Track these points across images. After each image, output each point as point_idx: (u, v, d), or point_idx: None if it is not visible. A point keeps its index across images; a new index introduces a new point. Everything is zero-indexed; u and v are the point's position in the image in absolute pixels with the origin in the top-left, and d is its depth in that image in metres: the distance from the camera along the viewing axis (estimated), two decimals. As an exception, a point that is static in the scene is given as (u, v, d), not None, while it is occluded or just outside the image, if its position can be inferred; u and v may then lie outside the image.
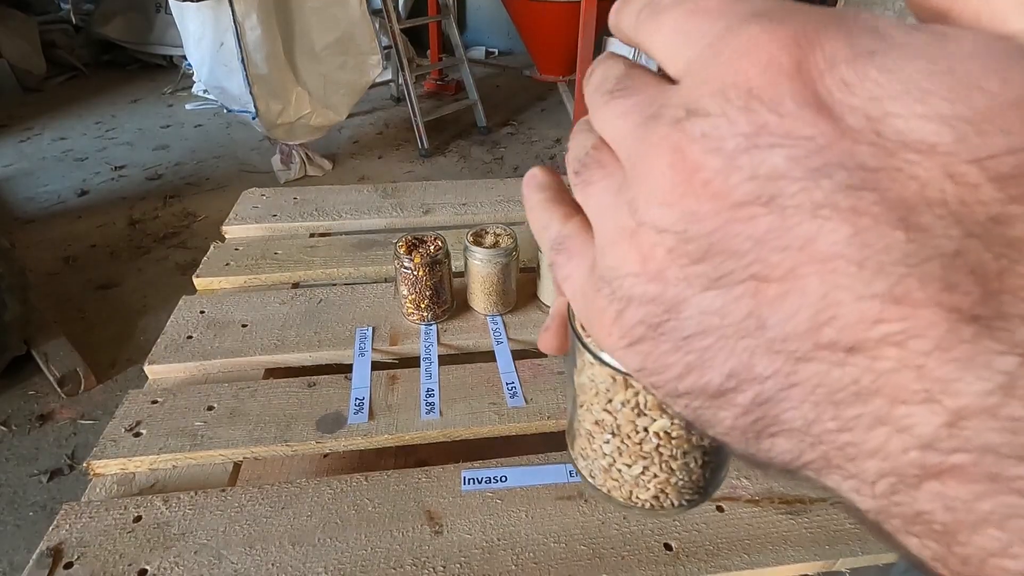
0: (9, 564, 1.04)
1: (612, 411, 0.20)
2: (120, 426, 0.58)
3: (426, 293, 0.68)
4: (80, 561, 0.47)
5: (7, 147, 2.73)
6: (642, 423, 0.20)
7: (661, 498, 0.22)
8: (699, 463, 0.21)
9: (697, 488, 0.23)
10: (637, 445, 0.21)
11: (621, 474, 0.22)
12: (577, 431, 0.23)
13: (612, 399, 0.20)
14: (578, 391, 0.22)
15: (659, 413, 0.20)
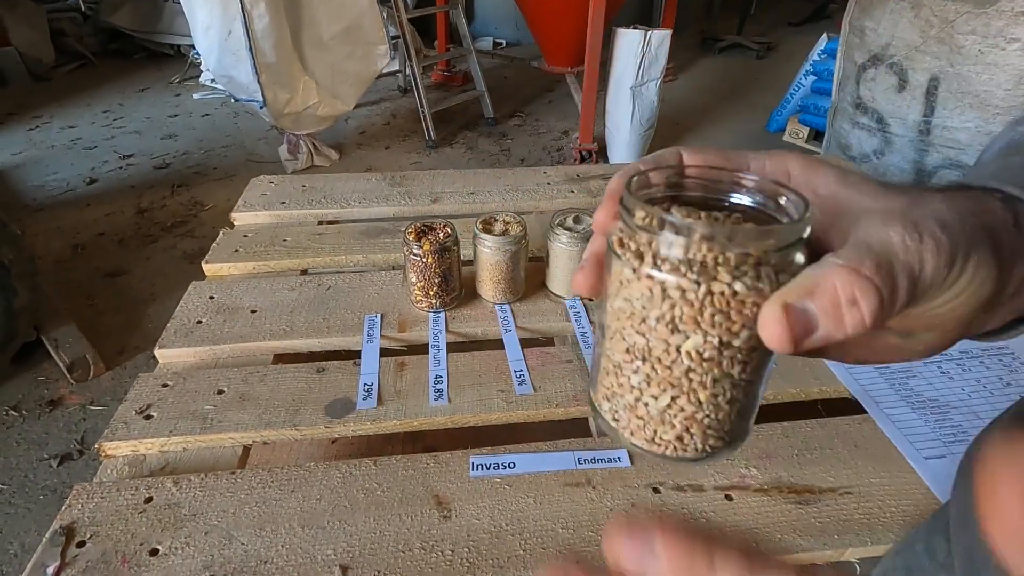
0: (20, 546, 1.05)
1: (646, 331, 0.20)
2: (131, 409, 0.58)
3: (435, 280, 0.68)
4: (92, 540, 0.47)
5: (17, 135, 2.75)
6: (675, 341, 0.20)
7: (685, 439, 0.22)
8: (727, 397, 0.21)
9: (722, 431, 0.22)
10: (667, 369, 0.21)
11: (648, 408, 0.22)
12: (604, 370, 0.23)
13: (647, 317, 0.20)
14: (610, 319, 0.22)
15: (694, 328, 0.20)
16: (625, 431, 0.23)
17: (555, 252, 0.70)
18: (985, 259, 0.20)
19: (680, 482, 0.52)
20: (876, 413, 0.59)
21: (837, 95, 1.90)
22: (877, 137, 1.72)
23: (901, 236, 0.19)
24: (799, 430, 0.57)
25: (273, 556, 0.46)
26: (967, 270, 0.19)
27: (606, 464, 0.53)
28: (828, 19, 4.57)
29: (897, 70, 1.61)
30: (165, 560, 0.46)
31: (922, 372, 0.63)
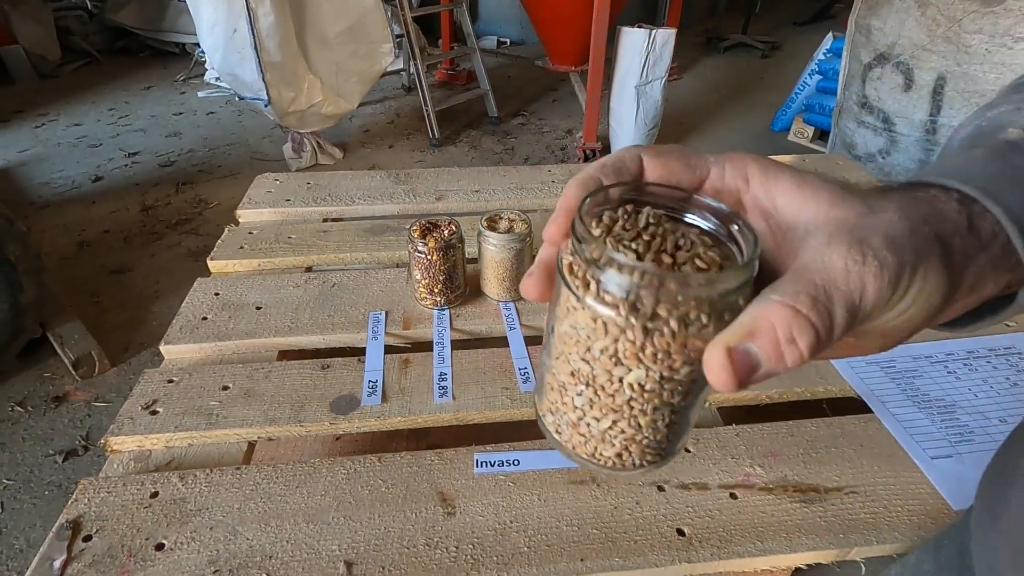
0: (26, 541, 1.06)
1: (590, 360, 0.21)
2: (137, 404, 0.59)
3: (439, 278, 0.68)
4: (99, 534, 0.47)
5: (23, 132, 2.76)
6: (618, 373, 0.20)
7: (624, 456, 0.23)
8: (665, 421, 0.22)
9: (659, 449, 0.23)
10: (610, 397, 0.21)
11: (589, 428, 0.23)
12: (549, 385, 0.23)
13: (591, 346, 0.20)
14: (557, 341, 0.22)
15: (635, 363, 0.20)
16: (568, 444, 0.24)
17: (560, 250, 0.70)
18: (934, 270, 0.20)
19: (685, 480, 0.52)
20: (882, 413, 0.58)
21: (842, 94, 1.89)
22: (883, 136, 1.71)
23: (843, 260, 0.19)
24: (804, 429, 0.57)
25: (278, 551, 0.46)
26: (915, 284, 0.20)
27: (610, 462, 0.53)
28: (833, 19, 4.55)
29: (903, 69, 1.60)
30: (171, 555, 0.46)
31: (928, 372, 0.63)
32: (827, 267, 0.19)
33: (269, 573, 0.45)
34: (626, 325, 0.19)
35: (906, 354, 0.65)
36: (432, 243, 0.65)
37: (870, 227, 0.20)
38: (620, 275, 0.19)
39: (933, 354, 0.65)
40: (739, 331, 0.18)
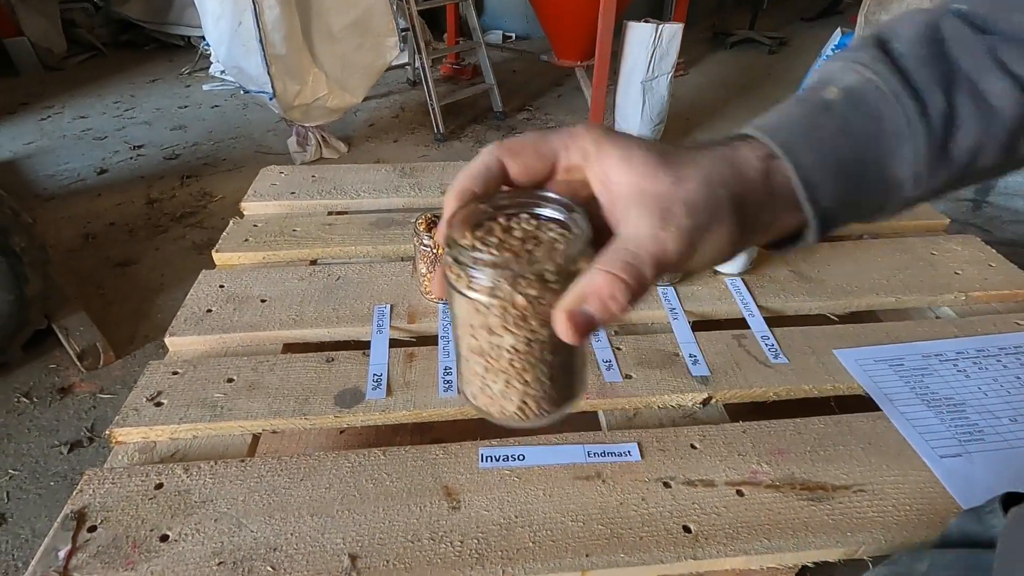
0: (31, 531, 1.07)
1: (475, 335, 0.26)
2: (142, 396, 0.59)
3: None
4: (103, 525, 0.47)
5: (28, 125, 2.76)
6: (495, 341, 0.26)
7: (524, 410, 0.28)
8: (547, 375, 0.27)
9: (552, 399, 0.29)
10: (496, 362, 0.27)
11: (492, 390, 0.28)
12: (463, 362, 0.29)
13: (473, 325, 0.26)
14: (454, 326, 0.28)
15: (505, 332, 0.26)
16: (483, 407, 0.29)
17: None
18: (724, 226, 0.26)
19: (691, 477, 0.52)
20: (890, 410, 0.58)
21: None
22: (891, 133, 1.70)
23: (651, 229, 0.25)
24: (812, 427, 0.57)
25: (282, 544, 0.46)
26: (707, 240, 0.25)
27: (616, 458, 0.53)
28: (841, 14, 4.51)
29: (913, 65, 1.59)
30: (175, 546, 0.46)
31: (938, 370, 0.62)
32: (639, 236, 0.25)
33: (273, 566, 0.45)
34: (492, 304, 0.25)
35: (915, 352, 0.64)
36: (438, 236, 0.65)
37: (674, 197, 0.25)
38: (482, 270, 0.25)
39: (943, 352, 0.64)
40: (574, 297, 0.24)
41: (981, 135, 0.27)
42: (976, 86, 0.27)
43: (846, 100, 0.27)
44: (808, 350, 0.65)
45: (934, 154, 0.27)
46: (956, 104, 0.27)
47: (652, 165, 0.26)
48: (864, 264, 0.79)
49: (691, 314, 0.70)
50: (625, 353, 0.64)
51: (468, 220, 0.27)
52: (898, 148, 0.27)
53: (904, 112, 0.27)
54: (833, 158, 0.27)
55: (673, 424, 0.58)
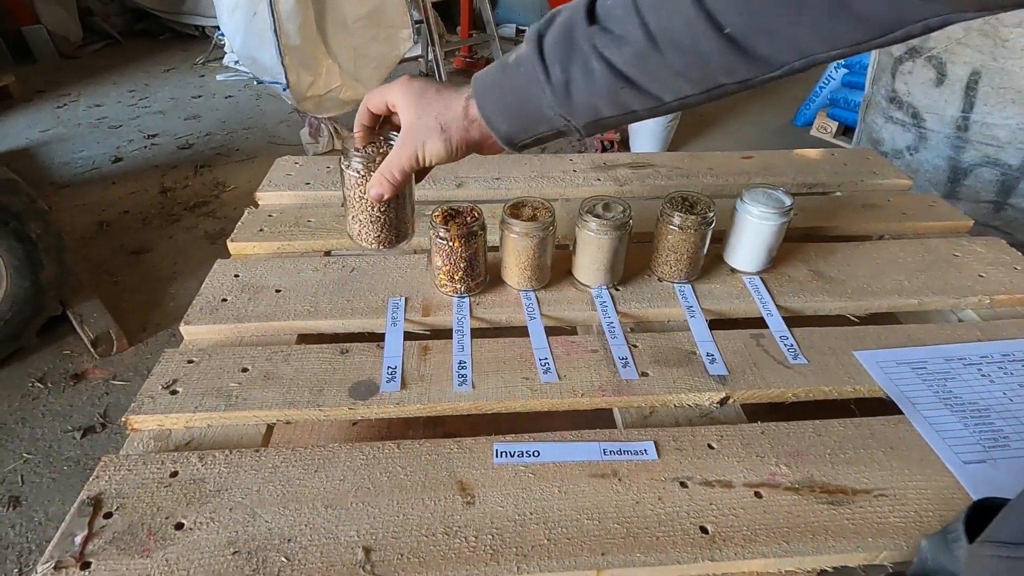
0: (45, 515, 1.08)
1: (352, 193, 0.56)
2: (157, 383, 0.59)
3: (460, 265, 0.67)
4: (119, 512, 0.47)
5: (45, 113, 2.79)
6: (360, 195, 0.55)
7: (380, 238, 0.59)
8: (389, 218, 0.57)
9: (396, 233, 0.59)
10: (361, 211, 0.57)
11: (363, 228, 0.58)
12: (348, 214, 0.58)
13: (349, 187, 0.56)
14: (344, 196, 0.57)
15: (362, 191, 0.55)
16: (359, 240, 0.59)
17: (583, 239, 0.69)
18: (432, 143, 0.48)
19: (708, 477, 0.51)
20: (913, 414, 0.57)
21: (871, 88, 1.85)
22: (911, 132, 1.67)
23: (396, 150, 0.49)
24: (832, 429, 0.56)
25: (297, 535, 0.46)
26: (427, 151, 0.48)
27: (632, 456, 0.52)
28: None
29: (936, 63, 1.56)
30: (190, 534, 0.46)
31: (961, 374, 0.61)
32: (395, 154, 0.50)
33: (288, 557, 0.45)
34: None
35: (938, 356, 0.63)
36: (454, 230, 0.65)
37: (412, 129, 0.48)
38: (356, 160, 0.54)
39: (967, 356, 0.63)
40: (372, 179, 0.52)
41: (590, 93, 0.41)
42: (586, 62, 0.40)
43: (513, 63, 0.44)
44: (828, 351, 0.64)
45: (560, 103, 0.42)
46: (570, 72, 0.41)
47: (409, 110, 0.48)
48: (885, 265, 0.77)
49: (708, 312, 0.70)
50: (641, 351, 0.64)
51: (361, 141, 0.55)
52: (539, 97, 0.43)
53: (536, 75, 0.42)
54: (503, 102, 0.45)
55: (690, 423, 0.57)
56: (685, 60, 0.37)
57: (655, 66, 0.38)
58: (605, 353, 0.63)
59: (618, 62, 0.39)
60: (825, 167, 1.00)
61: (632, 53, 0.39)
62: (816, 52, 0.35)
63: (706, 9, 0.34)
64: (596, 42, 0.39)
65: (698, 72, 0.38)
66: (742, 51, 0.35)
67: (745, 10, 0.34)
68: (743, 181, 0.95)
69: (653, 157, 1.04)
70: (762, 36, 0.35)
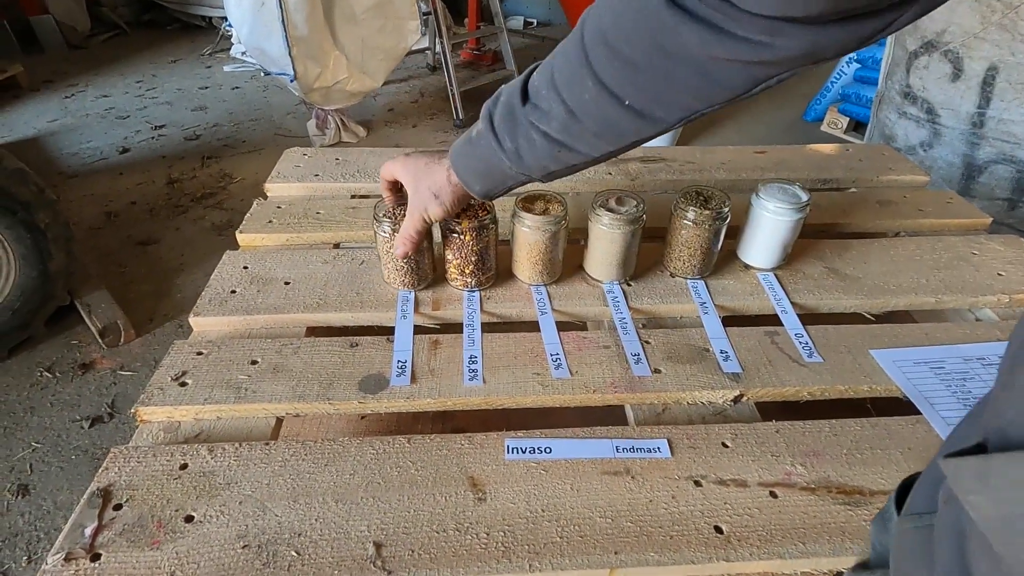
0: (53, 503, 1.08)
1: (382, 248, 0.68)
2: (167, 375, 0.58)
3: (471, 259, 0.66)
4: (129, 504, 0.47)
5: (52, 103, 2.79)
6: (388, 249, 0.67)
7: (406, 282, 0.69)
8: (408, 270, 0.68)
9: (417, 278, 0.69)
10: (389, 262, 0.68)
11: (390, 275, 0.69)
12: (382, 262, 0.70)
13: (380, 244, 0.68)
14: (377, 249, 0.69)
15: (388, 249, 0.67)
16: (390, 283, 0.70)
17: (595, 234, 0.68)
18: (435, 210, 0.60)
19: (723, 476, 0.50)
20: (931, 415, 0.56)
21: (884, 84, 1.82)
22: (925, 128, 1.64)
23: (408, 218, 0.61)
24: (848, 429, 0.55)
25: (307, 529, 0.46)
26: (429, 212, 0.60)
27: (645, 454, 0.52)
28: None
29: (952, 58, 1.53)
30: (200, 527, 0.46)
31: (980, 375, 0.60)
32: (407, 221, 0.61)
33: (298, 551, 0.44)
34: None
35: (956, 355, 0.62)
36: (466, 223, 0.64)
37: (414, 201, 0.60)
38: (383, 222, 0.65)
39: (986, 356, 0.62)
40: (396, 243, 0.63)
41: (537, 157, 0.49)
42: (527, 134, 0.48)
43: (475, 137, 0.52)
44: (843, 349, 0.63)
45: (516, 165, 0.50)
46: (518, 142, 0.49)
47: (409, 186, 0.60)
48: (902, 262, 0.76)
49: (722, 309, 0.69)
50: (654, 347, 0.63)
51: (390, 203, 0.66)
52: (500, 162, 0.51)
53: (493, 147, 0.50)
54: (473, 169, 0.54)
55: (703, 421, 0.57)
56: (599, 126, 0.45)
57: (578, 132, 0.46)
58: (617, 349, 0.62)
59: (550, 131, 0.47)
60: (840, 163, 0.99)
61: (559, 124, 0.46)
62: (700, 108, 0.42)
63: (607, 88, 0.42)
64: (531, 118, 0.47)
65: (612, 134, 0.46)
66: (641, 115, 0.43)
67: (636, 86, 0.41)
68: (756, 176, 0.94)
69: (665, 152, 1.02)
70: (654, 103, 0.42)
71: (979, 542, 0.24)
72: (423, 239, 0.63)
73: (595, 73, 0.42)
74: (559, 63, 0.45)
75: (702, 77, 0.39)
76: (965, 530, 0.25)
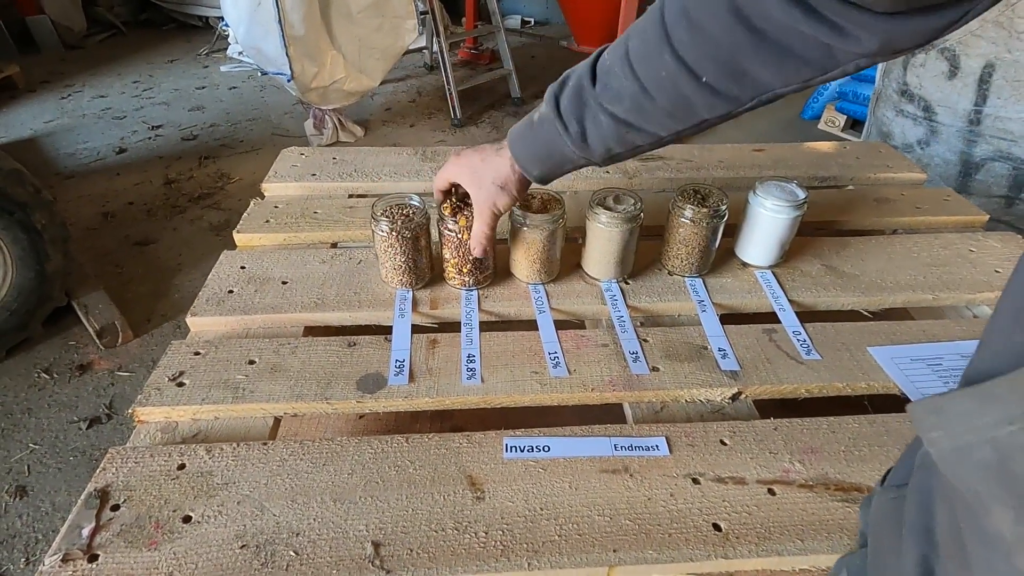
0: (51, 504, 1.08)
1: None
2: (164, 375, 0.58)
3: (469, 257, 0.66)
4: (127, 504, 0.47)
5: (49, 103, 2.78)
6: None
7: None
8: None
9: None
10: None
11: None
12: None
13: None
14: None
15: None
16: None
17: (593, 232, 0.68)
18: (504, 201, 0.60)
19: (721, 474, 0.50)
20: (928, 412, 0.56)
21: (881, 81, 1.82)
22: (922, 126, 1.65)
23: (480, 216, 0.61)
24: (846, 426, 0.55)
25: (305, 529, 0.46)
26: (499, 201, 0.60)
27: (644, 452, 0.52)
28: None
29: (949, 56, 1.53)
30: (198, 528, 0.46)
31: (978, 371, 0.60)
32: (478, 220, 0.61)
33: (296, 551, 0.44)
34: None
35: (954, 352, 0.62)
36: (463, 222, 0.64)
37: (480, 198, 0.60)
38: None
39: (983, 353, 0.62)
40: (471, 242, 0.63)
41: (603, 138, 0.50)
42: (595, 116, 0.49)
43: (538, 120, 0.53)
44: (841, 347, 0.63)
45: (579, 148, 0.51)
46: (584, 124, 0.50)
47: (472, 184, 0.60)
48: (899, 260, 0.76)
49: (720, 307, 0.69)
50: (652, 345, 0.63)
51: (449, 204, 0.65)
52: (562, 146, 0.52)
53: (557, 130, 0.51)
54: (533, 153, 0.55)
55: (701, 419, 0.57)
56: (672, 104, 0.45)
57: (649, 111, 0.46)
58: (615, 347, 0.62)
59: (620, 112, 0.47)
60: (837, 160, 0.99)
61: (630, 103, 0.46)
62: (776, 88, 0.42)
63: (685, 64, 0.42)
64: (600, 99, 0.48)
65: (684, 112, 0.46)
66: (717, 93, 0.43)
67: (717, 61, 0.41)
68: (754, 174, 0.94)
69: (663, 150, 1.02)
70: (731, 80, 0.42)
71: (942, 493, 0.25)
72: (495, 236, 0.63)
73: (674, 49, 0.42)
74: (635, 41, 0.45)
75: (783, 53, 0.39)
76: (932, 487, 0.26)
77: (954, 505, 0.24)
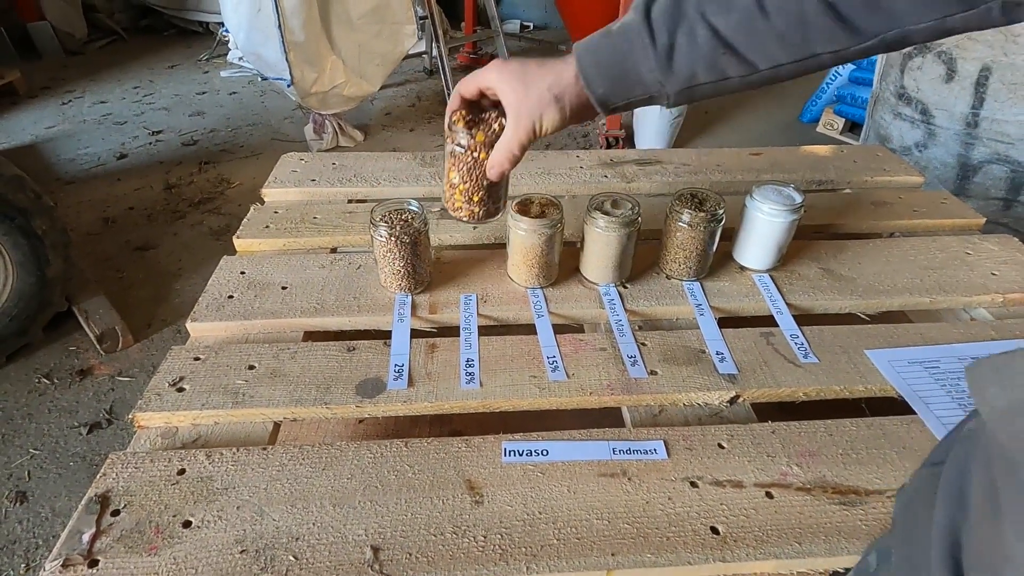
0: (51, 510, 1.08)
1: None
2: (164, 381, 0.58)
3: (483, 182, 0.57)
4: (127, 509, 0.47)
5: (50, 109, 2.79)
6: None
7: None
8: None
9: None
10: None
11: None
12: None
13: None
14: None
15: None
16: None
17: (591, 236, 0.68)
18: (549, 117, 0.49)
19: (719, 477, 0.51)
20: (926, 414, 0.56)
21: (879, 84, 1.83)
22: (920, 129, 1.65)
23: (510, 131, 0.51)
24: (843, 429, 0.55)
25: (304, 534, 0.46)
26: (542, 124, 0.50)
27: (642, 456, 0.52)
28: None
29: (946, 59, 1.54)
30: (198, 532, 0.46)
31: (975, 374, 0.60)
32: (509, 133, 0.51)
33: (296, 555, 0.44)
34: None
35: (951, 355, 0.62)
36: (481, 137, 0.55)
37: (524, 106, 0.49)
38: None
39: (980, 355, 0.62)
40: (491, 159, 0.54)
41: (692, 58, 0.44)
42: (692, 28, 0.43)
43: (618, 30, 0.46)
44: (839, 350, 0.64)
45: (661, 67, 0.45)
46: (675, 37, 0.43)
47: (516, 89, 0.49)
48: (896, 263, 0.77)
49: (718, 311, 0.69)
50: (650, 349, 0.63)
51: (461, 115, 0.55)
52: (641, 61, 0.45)
53: (641, 40, 0.44)
54: (604, 65, 0.47)
55: (699, 423, 0.57)
56: (788, 25, 0.40)
57: (759, 31, 0.41)
58: (613, 351, 0.63)
59: (723, 27, 0.42)
60: (834, 164, 0.99)
61: (739, 18, 0.41)
62: (908, 24, 0.37)
63: None
64: (705, 9, 0.42)
65: (798, 38, 0.41)
66: (842, 19, 0.39)
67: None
68: (752, 178, 0.94)
69: (660, 154, 1.03)
70: (863, 4, 0.38)
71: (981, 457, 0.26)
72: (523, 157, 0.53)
73: None
74: None
75: None
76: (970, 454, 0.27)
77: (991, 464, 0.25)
